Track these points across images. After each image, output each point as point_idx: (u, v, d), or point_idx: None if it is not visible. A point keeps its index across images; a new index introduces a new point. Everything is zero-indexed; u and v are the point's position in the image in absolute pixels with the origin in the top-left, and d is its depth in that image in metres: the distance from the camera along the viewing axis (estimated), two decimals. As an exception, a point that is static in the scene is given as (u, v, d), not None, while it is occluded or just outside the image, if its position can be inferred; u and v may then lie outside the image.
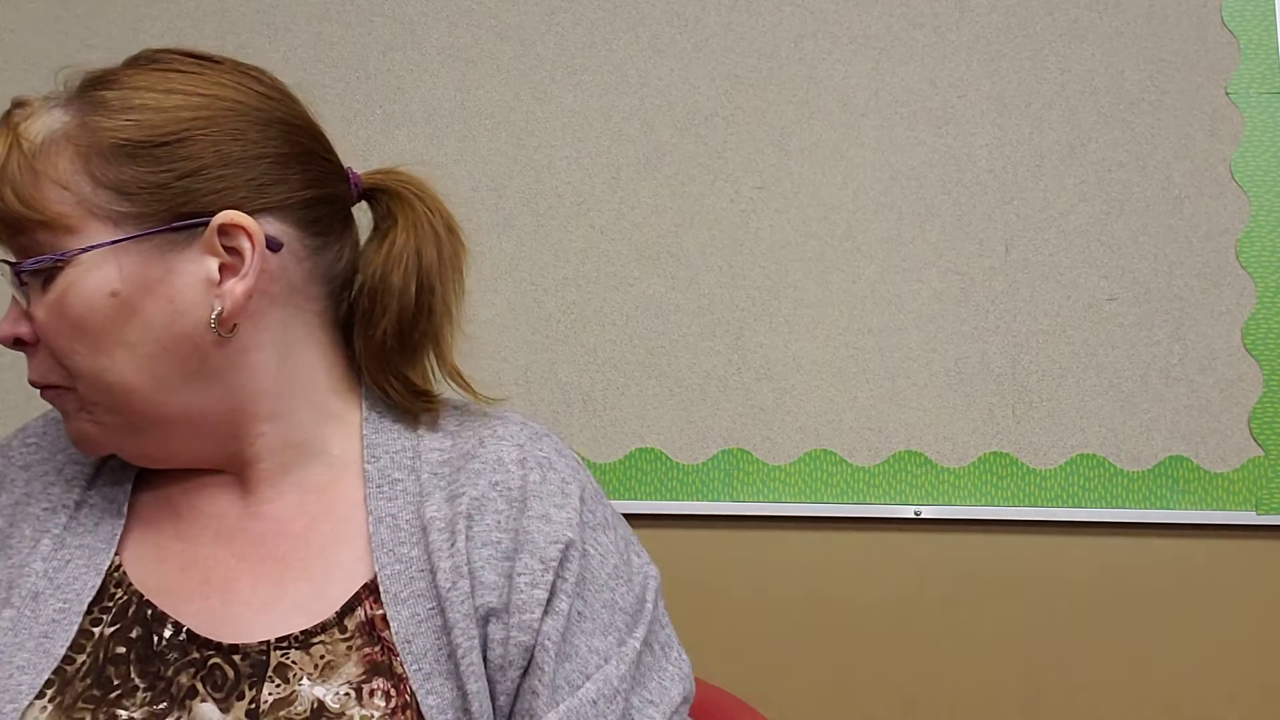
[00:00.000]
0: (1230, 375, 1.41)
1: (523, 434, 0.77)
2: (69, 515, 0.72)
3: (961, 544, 1.43)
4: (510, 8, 1.54)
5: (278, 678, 0.67)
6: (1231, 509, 1.40)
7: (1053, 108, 1.46)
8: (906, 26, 1.49)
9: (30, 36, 1.58)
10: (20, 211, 0.66)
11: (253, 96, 0.71)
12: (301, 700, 0.66)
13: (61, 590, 0.69)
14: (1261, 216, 1.42)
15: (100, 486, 0.74)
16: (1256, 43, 1.44)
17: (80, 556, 0.70)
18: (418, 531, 0.71)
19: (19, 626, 0.67)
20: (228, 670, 0.67)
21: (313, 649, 0.68)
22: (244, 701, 0.66)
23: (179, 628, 0.68)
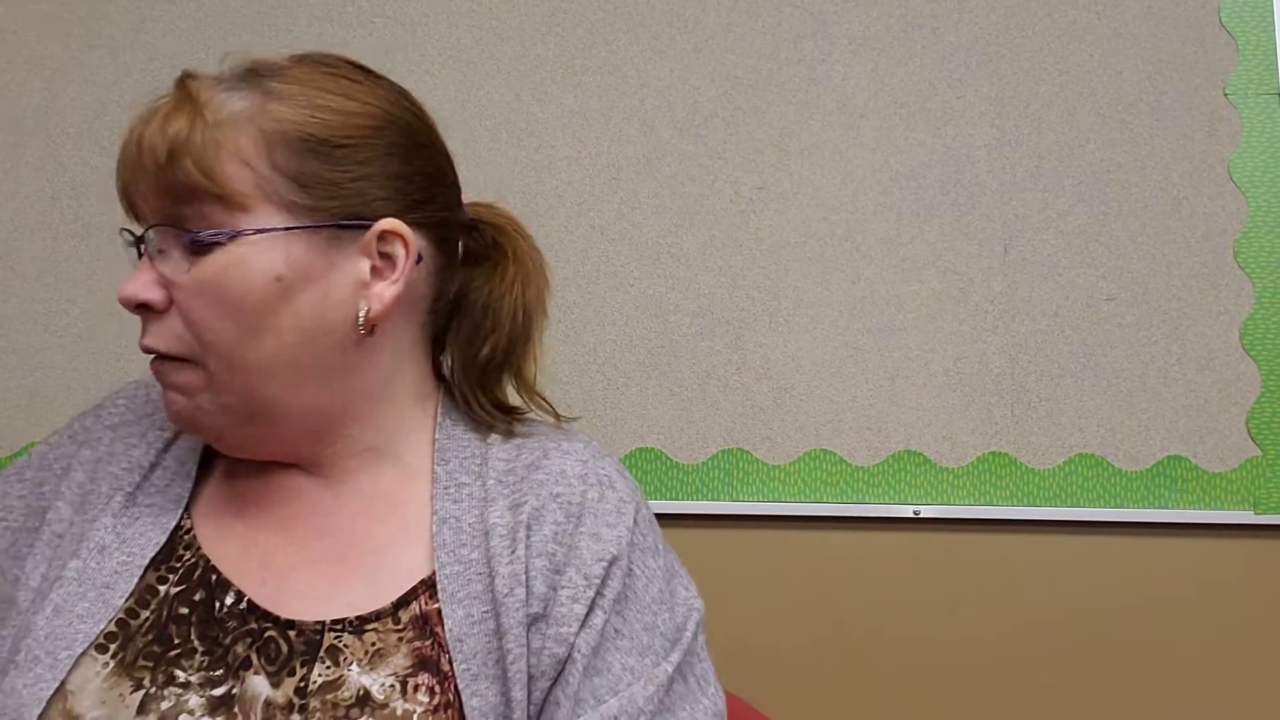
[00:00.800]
0: (1228, 375, 1.41)
1: (587, 451, 0.79)
2: (142, 475, 0.74)
3: (960, 544, 1.44)
4: (510, 8, 1.54)
5: (328, 659, 0.68)
6: (1230, 509, 1.40)
7: (1051, 108, 1.46)
8: (906, 27, 1.49)
9: (30, 36, 1.58)
10: (199, 182, 0.66)
11: (412, 117, 0.75)
12: (349, 686, 0.67)
13: (127, 545, 0.71)
14: (1259, 217, 1.43)
15: (175, 451, 0.76)
16: (1255, 44, 1.44)
17: (148, 515, 0.72)
18: (480, 535, 0.73)
19: (84, 578, 0.69)
20: (281, 645, 0.69)
21: (365, 635, 0.69)
22: (294, 679, 0.68)
23: (240, 596, 0.70)
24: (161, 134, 0.67)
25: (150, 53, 1.56)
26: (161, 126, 0.67)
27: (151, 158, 0.67)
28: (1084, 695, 1.42)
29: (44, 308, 1.53)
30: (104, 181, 1.55)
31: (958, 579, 1.43)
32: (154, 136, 0.67)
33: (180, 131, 0.67)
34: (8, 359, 1.51)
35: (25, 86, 1.57)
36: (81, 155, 1.55)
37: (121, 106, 1.56)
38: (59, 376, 1.50)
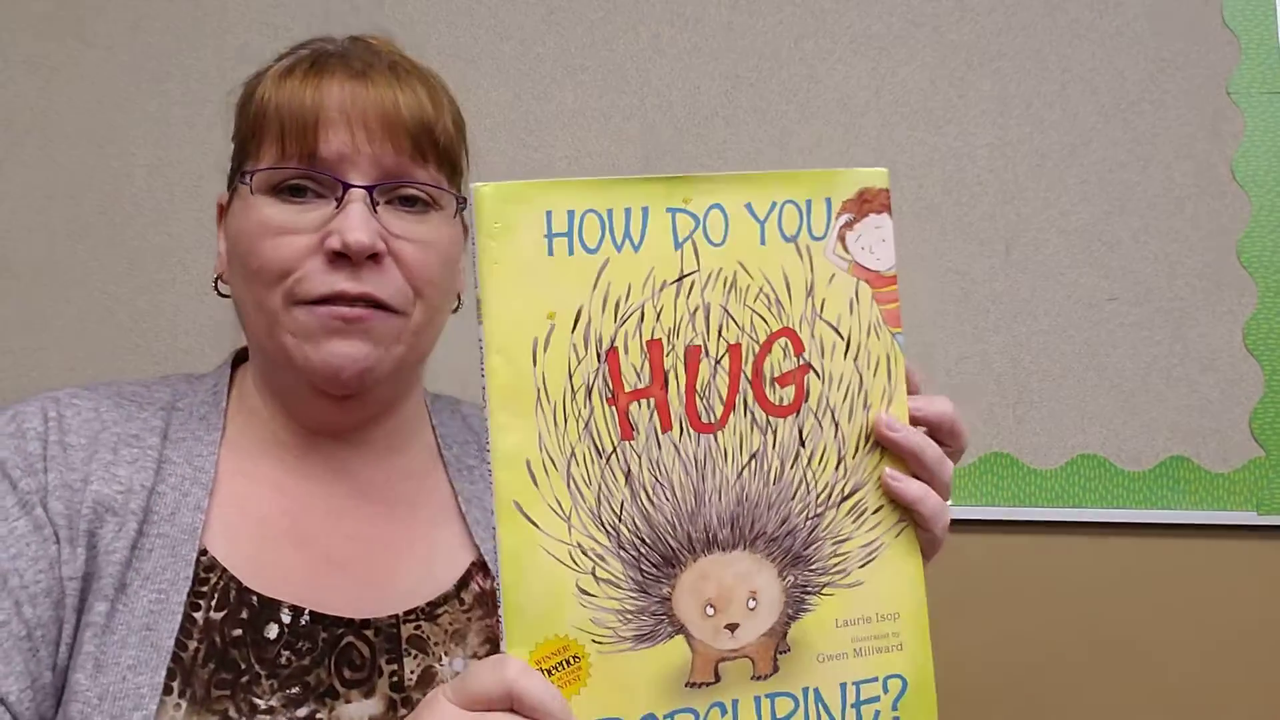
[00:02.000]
0: (1231, 375, 1.41)
1: None
2: (146, 499, 0.69)
3: (962, 544, 1.43)
4: (510, 8, 1.53)
5: (414, 649, 0.70)
6: (1232, 509, 1.40)
7: (1053, 107, 1.46)
8: (907, 26, 1.49)
9: (27, 36, 1.57)
10: (451, 148, 0.75)
11: None
12: (445, 675, 0.69)
13: (151, 581, 0.66)
14: (1262, 216, 1.42)
15: (169, 479, 0.71)
16: (1257, 42, 1.44)
17: (162, 546, 0.68)
18: None
19: (114, 622, 0.65)
20: (362, 647, 0.69)
21: (439, 619, 0.72)
22: (384, 678, 0.68)
23: (298, 611, 0.69)
24: (416, 98, 0.72)
25: (147, 52, 1.55)
26: (414, 92, 0.72)
27: (424, 121, 0.72)
28: (1085, 696, 1.41)
29: (40, 308, 1.52)
30: (101, 182, 1.54)
31: (959, 579, 1.43)
32: (411, 101, 0.71)
33: (436, 101, 0.73)
34: (4, 360, 1.51)
35: (22, 86, 1.57)
36: (78, 155, 1.55)
37: (118, 106, 1.55)
38: (55, 377, 1.49)
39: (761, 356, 0.58)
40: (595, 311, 0.56)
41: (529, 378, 0.55)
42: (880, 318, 0.59)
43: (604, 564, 0.55)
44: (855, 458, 0.59)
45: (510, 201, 0.55)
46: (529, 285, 0.55)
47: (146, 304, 1.52)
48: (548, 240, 0.55)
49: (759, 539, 0.57)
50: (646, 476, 0.56)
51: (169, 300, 1.52)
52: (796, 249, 0.59)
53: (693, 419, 0.57)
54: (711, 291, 0.57)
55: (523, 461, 0.56)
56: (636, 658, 0.56)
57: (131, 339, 1.51)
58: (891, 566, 0.59)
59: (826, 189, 0.59)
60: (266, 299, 0.70)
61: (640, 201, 0.57)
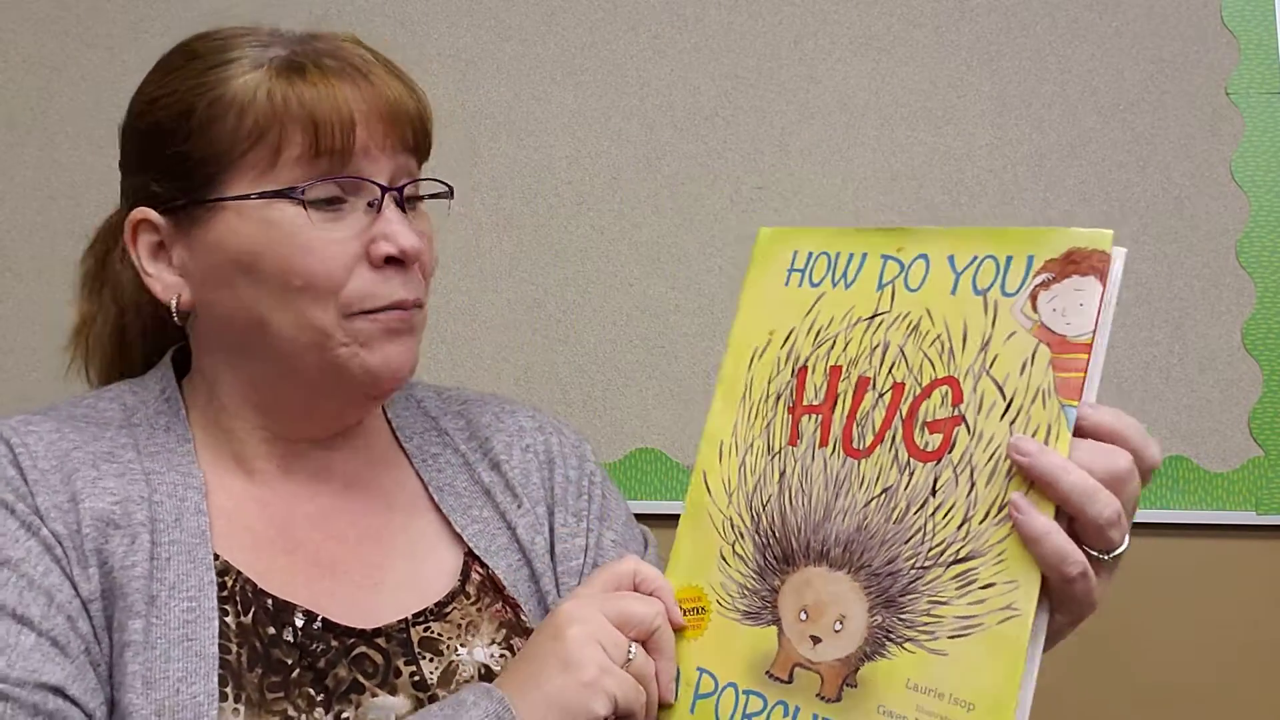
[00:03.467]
0: (1230, 375, 1.41)
1: (522, 406, 0.86)
2: (149, 510, 0.67)
3: (962, 544, 1.43)
4: (510, 8, 1.54)
5: (428, 652, 0.69)
6: (1232, 509, 1.40)
7: (1053, 108, 1.46)
8: (906, 26, 1.49)
9: (27, 35, 1.57)
10: (430, 127, 0.74)
11: None
12: (466, 666, 0.69)
13: (177, 590, 0.64)
14: (1261, 217, 1.43)
15: (163, 487, 0.68)
16: (1256, 43, 1.44)
17: (179, 554, 0.66)
18: (481, 495, 0.77)
19: (152, 638, 0.63)
20: (375, 656, 0.68)
21: (449, 617, 0.71)
22: (404, 677, 0.68)
23: (311, 615, 0.68)
24: (414, 95, 0.72)
25: (148, 52, 1.55)
26: (400, 83, 0.71)
27: (423, 116, 0.72)
28: (1084, 695, 1.41)
29: (41, 308, 1.52)
30: (102, 182, 1.54)
31: (959, 580, 1.43)
32: (411, 98, 0.71)
33: (414, 90, 0.72)
34: (4, 360, 1.51)
35: (22, 86, 1.57)
36: (79, 155, 1.55)
37: (119, 106, 1.55)
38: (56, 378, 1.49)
39: (920, 399, 0.59)
40: (801, 334, 0.64)
41: (743, 378, 0.66)
42: (1052, 385, 0.55)
43: (742, 541, 0.63)
44: (981, 524, 0.55)
45: (775, 241, 0.68)
46: (764, 307, 0.67)
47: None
48: (788, 273, 0.66)
49: (863, 569, 0.58)
50: (795, 480, 0.62)
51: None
52: (984, 302, 0.58)
53: (846, 442, 0.61)
54: (894, 331, 0.61)
55: (718, 441, 0.67)
56: (740, 630, 0.62)
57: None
58: (984, 652, 0.54)
59: (1031, 246, 0.58)
60: (316, 315, 0.67)
61: (862, 248, 0.64)
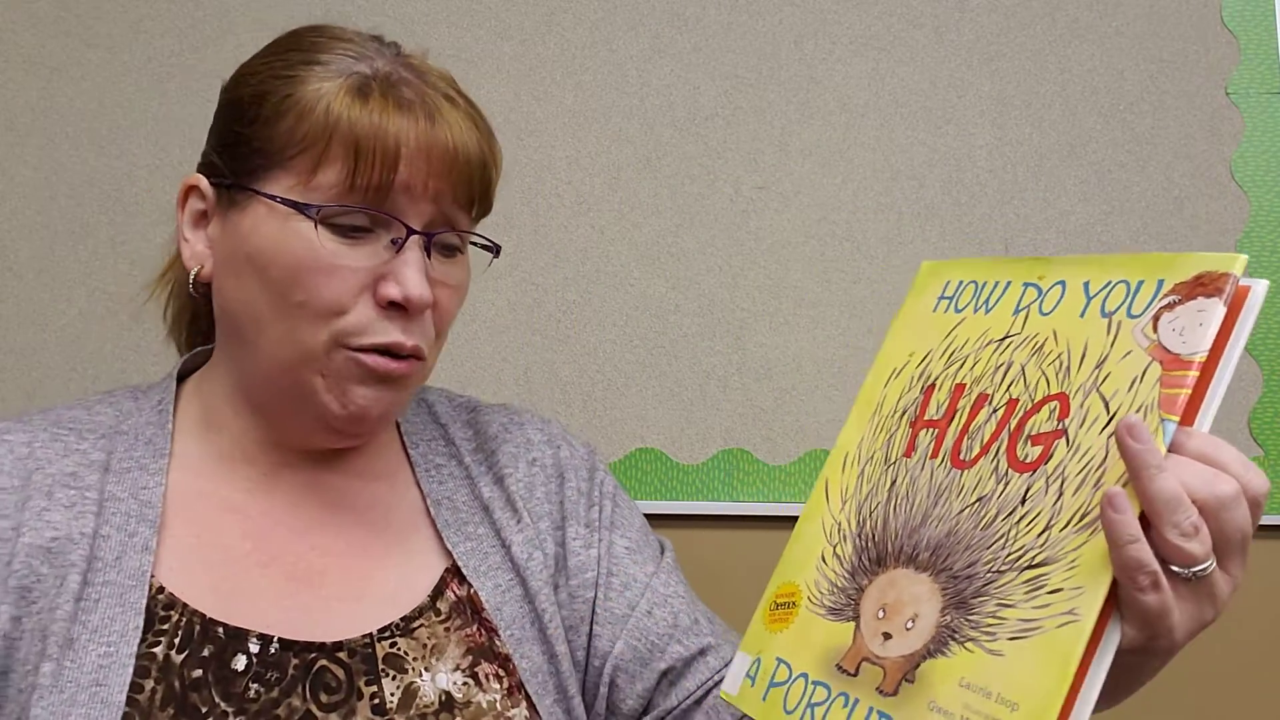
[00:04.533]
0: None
1: (532, 415, 0.84)
2: (89, 548, 0.65)
3: (961, 544, 1.43)
4: (510, 8, 1.54)
5: (391, 669, 0.67)
6: (1231, 509, 1.40)
7: (1053, 107, 1.46)
8: (906, 26, 1.49)
9: (28, 36, 1.57)
10: (493, 186, 0.73)
11: None
12: (426, 692, 0.67)
13: (99, 634, 0.63)
14: (1261, 217, 1.42)
15: (112, 519, 0.67)
16: (1256, 43, 1.44)
17: (110, 595, 0.64)
18: (479, 511, 0.76)
19: (62, 681, 0.61)
20: (337, 671, 0.66)
21: (416, 633, 0.69)
22: (364, 700, 0.65)
23: (267, 639, 0.65)
24: (481, 146, 0.69)
25: (149, 52, 1.56)
26: (475, 132, 0.69)
27: (485, 168, 0.70)
28: (1086, 696, 1.41)
29: (41, 309, 1.52)
30: (103, 182, 1.54)
31: (959, 580, 1.43)
32: (476, 148, 0.69)
33: (488, 145, 0.71)
34: (5, 360, 1.51)
35: (22, 86, 1.57)
36: (80, 155, 1.55)
37: (119, 106, 1.55)
38: (56, 377, 1.49)
39: (1029, 414, 0.60)
40: (936, 355, 0.66)
41: (878, 395, 0.68)
42: (1156, 400, 0.55)
43: (843, 543, 0.65)
44: (1062, 531, 0.56)
45: (933, 273, 0.70)
46: (911, 331, 0.69)
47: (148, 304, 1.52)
48: (938, 300, 0.68)
49: (944, 572, 0.59)
50: (903, 489, 0.64)
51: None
52: (1109, 323, 0.59)
53: (955, 453, 0.62)
54: (1020, 351, 0.62)
55: (844, 453, 0.69)
56: (822, 624, 0.63)
57: (132, 339, 1.51)
58: (1037, 655, 0.54)
59: (1163, 271, 0.58)
60: (306, 334, 0.66)
61: (1007, 276, 0.66)
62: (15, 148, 1.56)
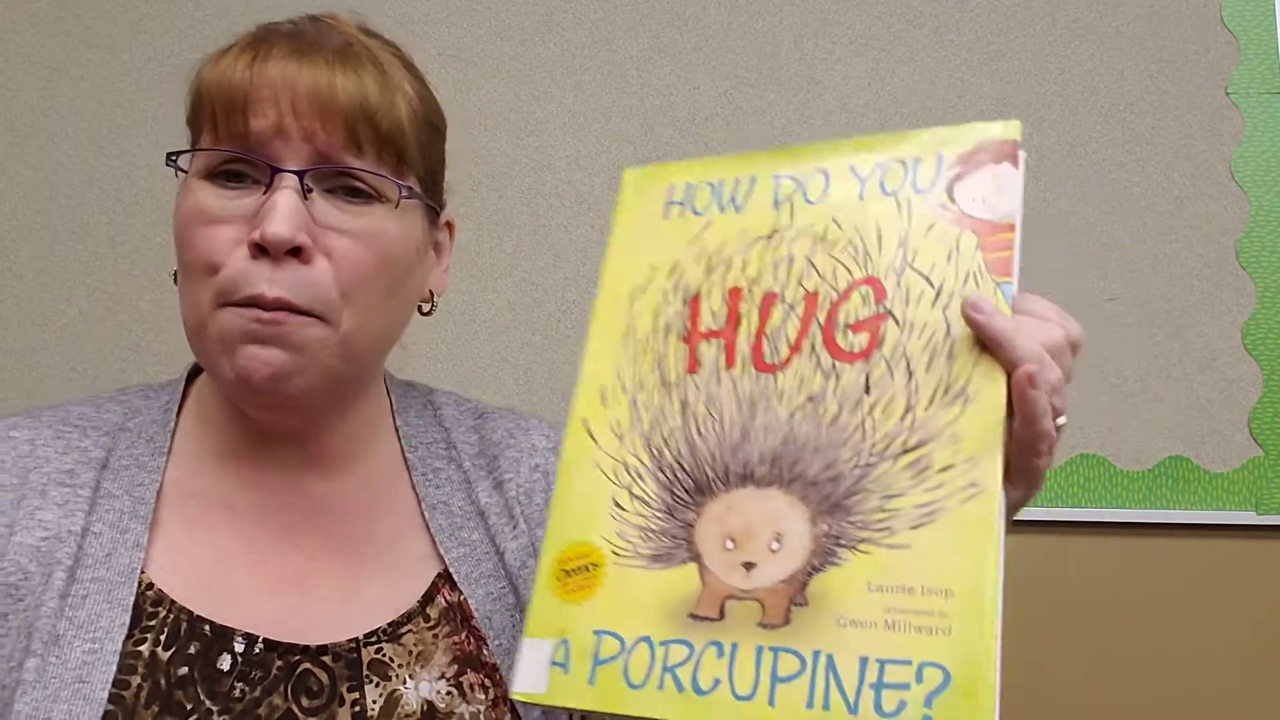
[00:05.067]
0: (1230, 375, 1.41)
1: (539, 422, 0.82)
2: (77, 546, 0.65)
3: (962, 544, 1.43)
4: (510, 8, 1.54)
5: (375, 676, 0.66)
6: (1231, 509, 1.40)
7: (1053, 108, 1.46)
8: (906, 27, 1.49)
9: (28, 36, 1.57)
10: (394, 136, 0.67)
11: None
12: (409, 701, 0.65)
13: (85, 631, 0.62)
14: (1261, 217, 1.42)
15: (105, 516, 0.67)
16: (1256, 43, 1.44)
17: (98, 592, 0.64)
18: (474, 517, 0.74)
19: (46, 677, 0.61)
20: (320, 675, 0.65)
21: (403, 639, 0.68)
22: (345, 707, 0.64)
23: (252, 639, 0.65)
24: (358, 81, 0.65)
25: (148, 52, 1.56)
26: (357, 75, 0.65)
27: (367, 110, 0.65)
28: (1085, 695, 1.41)
29: (41, 308, 1.52)
30: (102, 181, 1.54)
31: (959, 580, 1.43)
32: (351, 85, 0.65)
33: (380, 85, 0.66)
34: (5, 360, 1.51)
35: (23, 86, 1.57)
36: (79, 155, 1.55)
37: (119, 106, 1.55)
38: (56, 378, 1.49)
39: (838, 304, 0.57)
40: (688, 264, 0.61)
41: (625, 316, 0.62)
42: (983, 265, 0.55)
43: (641, 482, 0.58)
44: (928, 410, 0.53)
45: (645, 180, 0.65)
46: (642, 242, 0.63)
47: (148, 304, 1.52)
48: (665, 207, 0.63)
49: (797, 480, 0.54)
50: (701, 408, 0.58)
51: (170, 300, 1.52)
52: (895, 201, 0.57)
53: (756, 359, 0.58)
54: (798, 244, 0.59)
55: (598, 387, 0.61)
56: (648, 576, 0.55)
57: (133, 339, 1.51)
58: (952, 534, 0.51)
59: (939, 146, 0.58)
60: (198, 296, 0.64)
61: (750, 172, 0.62)
62: (15, 148, 1.56)
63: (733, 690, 0.51)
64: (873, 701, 0.49)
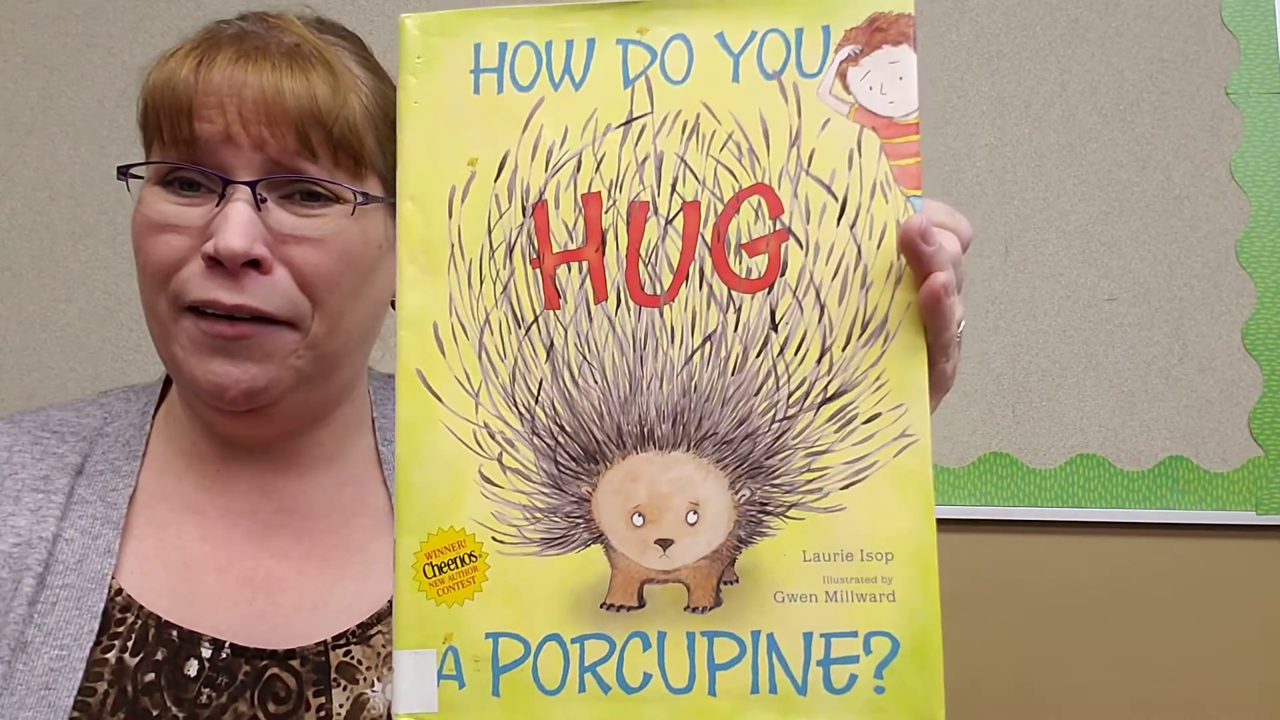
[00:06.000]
0: (1230, 375, 1.41)
1: None
2: (47, 552, 0.65)
3: (961, 544, 1.43)
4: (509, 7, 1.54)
5: (343, 679, 0.65)
6: (1231, 509, 1.40)
7: (1053, 107, 1.46)
8: (906, 26, 1.49)
9: (28, 35, 1.58)
10: (347, 139, 0.65)
11: None
12: (376, 704, 0.65)
13: (52, 637, 0.62)
14: (1261, 217, 1.42)
15: (77, 522, 0.66)
16: (1256, 43, 1.44)
17: (66, 599, 0.63)
18: None
19: (12, 683, 0.60)
20: (288, 679, 0.64)
21: (372, 641, 0.67)
22: (311, 711, 0.64)
23: (219, 644, 0.64)
24: (306, 84, 0.63)
25: (148, 52, 1.54)
26: (306, 78, 0.63)
27: (316, 115, 0.63)
28: (1085, 695, 1.41)
29: (41, 308, 1.52)
30: (102, 181, 1.55)
31: (958, 579, 1.43)
32: (299, 88, 0.63)
33: (331, 87, 0.64)
34: (4, 359, 1.51)
35: (22, 86, 1.57)
36: (79, 155, 1.55)
37: (119, 106, 1.55)
38: (56, 377, 1.49)
39: (726, 217, 0.47)
40: (524, 159, 0.48)
41: (443, 231, 0.49)
42: (891, 175, 0.48)
43: (513, 450, 0.48)
44: (846, 350, 0.47)
45: (435, 34, 0.51)
46: (449, 128, 0.49)
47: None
48: (474, 77, 0.49)
49: (707, 440, 0.47)
50: (572, 353, 0.48)
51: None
52: (780, 88, 0.48)
53: (633, 289, 0.48)
54: (666, 138, 0.48)
55: (429, 324, 0.48)
56: (543, 565, 0.47)
57: (132, 339, 1.51)
58: (888, 493, 0.46)
59: (824, 15, 0.48)
60: (156, 303, 0.64)
61: (585, 33, 0.49)
62: (15, 148, 1.56)
63: (666, 684, 0.46)
64: (822, 679, 0.45)
